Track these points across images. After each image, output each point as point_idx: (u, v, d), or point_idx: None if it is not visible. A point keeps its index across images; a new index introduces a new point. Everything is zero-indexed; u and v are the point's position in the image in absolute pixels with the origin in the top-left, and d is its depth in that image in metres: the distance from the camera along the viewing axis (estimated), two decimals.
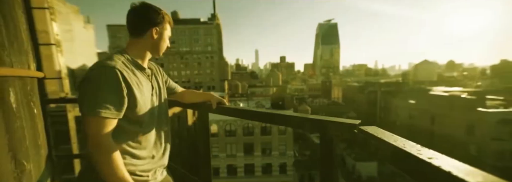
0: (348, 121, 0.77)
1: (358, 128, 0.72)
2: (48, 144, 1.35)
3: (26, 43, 1.16)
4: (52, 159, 1.42)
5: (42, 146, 1.24)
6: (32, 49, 1.28)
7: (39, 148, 1.19)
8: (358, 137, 0.70)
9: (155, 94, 1.00)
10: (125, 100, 0.83)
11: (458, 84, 43.44)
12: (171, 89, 1.26)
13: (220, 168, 22.86)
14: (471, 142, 20.74)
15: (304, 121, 0.86)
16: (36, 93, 1.25)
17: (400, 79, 50.50)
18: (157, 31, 0.94)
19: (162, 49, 1.01)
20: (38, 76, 1.31)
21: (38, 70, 1.36)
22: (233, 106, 1.18)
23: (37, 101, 1.23)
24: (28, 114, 1.09)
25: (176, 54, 57.27)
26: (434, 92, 27.22)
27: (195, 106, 1.33)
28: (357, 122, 0.74)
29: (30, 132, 1.10)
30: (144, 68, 0.96)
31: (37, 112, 1.21)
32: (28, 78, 1.14)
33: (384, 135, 0.62)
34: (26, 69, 1.14)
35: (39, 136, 1.21)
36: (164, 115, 1.06)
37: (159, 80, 1.07)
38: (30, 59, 1.22)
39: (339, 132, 0.77)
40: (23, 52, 1.13)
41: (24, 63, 1.14)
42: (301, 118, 0.87)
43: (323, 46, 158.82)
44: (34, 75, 1.24)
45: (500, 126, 19.32)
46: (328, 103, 46.86)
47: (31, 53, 1.25)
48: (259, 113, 1.08)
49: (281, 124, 0.98)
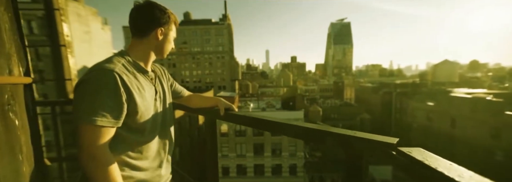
0: (382, 139, 0.60)
1: (397, 150, 0.56)
2: (35, 149, 1.27)
3: (8, 45, 1.08)
4: (42, 163, 1.36)
5: (25, 152, 1.15)
6: (16, 51, 1.18)
7: (21, 153, 1.11)
8: (396, 160, 0.55)
9: (159, 99, 0.92)
10: (124, 107, 0.75)
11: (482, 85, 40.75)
12: (177, 93, 1.19)
13: (230, 168, 22.96)
14: (497, 148, 19.34)
15: (324, 135, 0.72)
16: (21, 98, 1.17)
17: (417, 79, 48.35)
18: (162, 32, 0.87)
19: (167, 51, 0.94)
20: (22, 82, 1.22)
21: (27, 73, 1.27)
22: (243, 113, 1.06)
23: (21, 106, 1.15)
24: (6, 122, 1.01)
25: (188, 54, 58.35)
26: (456, 93, 25.75)
27: (202, 111, 1.25)
28: (394, 141, 0.58)
29: (9, 138, 1.02)
30: (146, 71, 0.88)
31: (21, 117, 1.13)
32: (8, 85, 1.05)
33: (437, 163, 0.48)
34: (5, 75, 1.06)
35: (21, 140, 1.12)
36: (168, 122, 0.98)
37: (164, 83, 1.00)
38: (12, 62, 1.13)
39: (370, 152, 0.61)
40: (3, 55, 1.04)
41: (4, 67, 1.05)
42: (321, 132, 0.73)
43: (336, 46, 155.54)
44: (17, 82, 1.15)
45: None
46: (340, 104, 45.72)
47: (15, 56, 1.16)
48: (271, 123, 0.93)
49: (296, 136, 0.83)
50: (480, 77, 66.40)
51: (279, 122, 0.88)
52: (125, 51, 0.87)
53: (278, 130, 0.89)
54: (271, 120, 0.92)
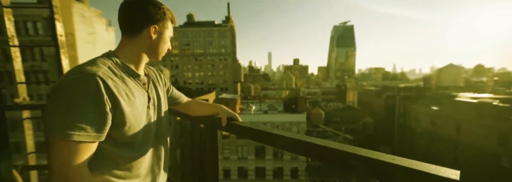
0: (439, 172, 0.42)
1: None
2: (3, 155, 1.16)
3: None
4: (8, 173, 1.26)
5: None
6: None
7: None
8: None
9: (153, 106, 0.81)
10: (109, 117, 0.63)
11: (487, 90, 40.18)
12: (175, 99, 1.06)
13: (231, 170, 22.83)
14: (503, 154, 18.93)
15: (347, 157, 0.55)
16: None
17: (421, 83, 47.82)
18: (156, 30, 0.76)
19: (162, 52, 0.82)
20: None
21: None
22: (248, 124, 0.92)
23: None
24: None
25: (190, 55, 58.66)
26: (461, 98, 25.39)
27: (201, 120, 1.13)
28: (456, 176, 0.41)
29: None
30: (138, 74, 0.77)
31: None
32: None
33: None
34: None
35: None
36: (164, 132, 0.87)
37: (159, 88, 0.88)
38: None
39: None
40: None
41: None
42: (344, 153, 0.56)
43: (338, 49, 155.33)
44: None
45: None
46: (343, 107, 45.37)
47: None
48: (283, 138, 0.75)
49: (312, 157, 0.67)
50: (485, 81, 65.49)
51: (293, 138, 0.72)
52: (112, 52, 0.76)
53: (291, 148, 0.74)
54: (284, 135, 0.76)
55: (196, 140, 1.32)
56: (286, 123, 22.75)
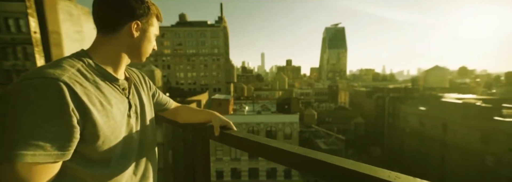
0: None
1: None
2: None
3: None
4: None
5: None
6: None
7: None
8: None
9: (135, 114, 0.70)
10: (76, 131, 0.52)
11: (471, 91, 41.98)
12: (162, 105, 0.95)
13: (224, 172, 22.67)
14: (487, 153, 19.76)
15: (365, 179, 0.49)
16: None
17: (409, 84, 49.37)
18: (139, 27, 0.66)
19: (146, 52, 0.71)
20: None
21: None
22: (244, 134, 0.81)
23: None
24: None
25: (183, 56, 57.93)
26: (447, 99, 26.33)
27: (191, 127, 1.01)
28: None
29: None
30: (116, 78, 0.65)
31: None
32: None
33: None
34: None
35: None
36: (149, 143, 0.76)
37: (143, 94, 0.77)
38: None
39: None
40: None
41: None
42: (363, 175, 0.49)
43: (330, 50, 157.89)
44: None
45: None
46: (335, 107, 46.10)
47: None
48: (285, 153, 0.64)
49: (323, 178, 0.56)
50: (468, 83, 68.54)
51: (298, 153, 0.61)
52: (85, 51, 0.65)
53: (297, 165, 0.62)
54: (287, 149, 0.64)
55: (188, 149, 1.21)
56: (279, 124, 22.83)
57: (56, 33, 2.37)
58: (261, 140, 0.74)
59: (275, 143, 0.70)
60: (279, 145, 0.69)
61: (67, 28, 1.79)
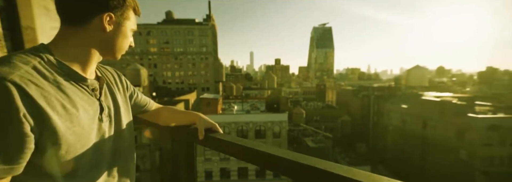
0: None
1: None
2: None
3: None
4: None
5: None
6: None
7: None
8: None
9: (108, 118, 0.63)
10: (29, 140, 0.44)
11: (448, 89, 44.61)
12: (141, 106, 0.87)
13: (213, 172, 22.51)
14: (461, 147, 21.12)
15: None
16: None
17: (392, 83, 51.46)
18: (112, 20, 0.58)
19: (121, 49, 0.64)
20: None
21: None
22: (230, 138, 0.75)
23: None
24: None
25: (170, 54, 56.55)
26: (426, 97, 27.77)
27: (173, 131, 0.94)
28: None
29: None
30: (83, 78, 0.57)
31: None
32: None
33: None
34: None
35: None
36: (125, 150, 0.68)
37: (118, 94, 0.69)
38: None
39: None
40: None
41: None
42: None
43: (318, 50, 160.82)
44: None
45: (490, 131, 19.77)
46: (323, 106, 47.12)
47: None
48: (276, 158, 0.59)
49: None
50: (446, 82, 72.79)
51: (289, 159, 0.56)
52: (45, 46, 0.56)
53: (288, 171, 0.57)
54: (278, 155, 0.59)
55: (167, 154, 1.12)
56: (268, 123, 22.98)
57: (31, 29, 2.23)
58: (248, 144, 0.68)
59: (263, 147, 0.64)
60: (268, 149, 0.63)
61: (43, 23, 1.63)
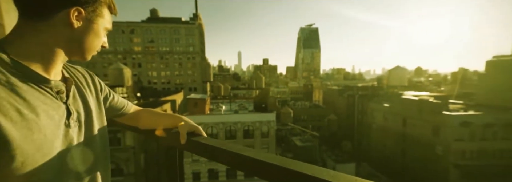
0: None
1: None
2: None
3: None
4: None
5: None
6: None
7: None
8: None
9: (77, 123, 0.57)
10: None
11: (425, 89, 47.39)
12: (117, 109, 0.80)
13: (201, 173, 22.25)
14: (437, 143, 22.56)
15: None
16: None
17: (375, 83, 53.66)
18: (82, 16, 0.51)
19: (91, 48, 0.57)
20: None
21: None
22: (214, 141, 0.71)
23: None
24: None
25: (155, 53, 54.94)
26: (405, 96, 29.30)
27: (154, 135, 0.87)
28: None
29: None
30: (45, 79, 0.51)
31: None
32: None
33: None
34: None
35: None
36: (98, 156, 0.62)
37: (89, 97, 0.63)
38: None
39: None
40: None
41: None
42: None
43: (305, 50, 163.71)
44: None
45: (462, 128, 21.30)
46: (310, 105, 48.09)
47: None
48: (263, 164, 0.55)
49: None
50: (423, 81, 77.18)
51: (278, 165, 0.52)
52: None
53: (272, 177, 0.54)
54: (266, 160, 0.55)
55: (152, 157, 1.07)
56: (256, 123, 23.10)
57: None
58: (233, 148, 0.64)
59: (249, 152, 0.60)
60: (255, 154, 0.59)
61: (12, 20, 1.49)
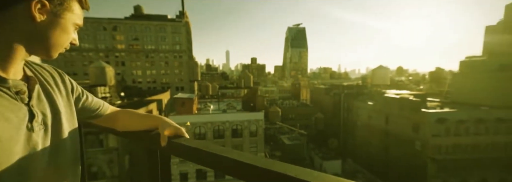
0: None
1: None
2: None
3: None
4: None
5: None
6: None
7: None
8: None
9: (42, 126, 0.52)
10: None
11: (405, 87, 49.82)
12: (92, 110, 0.75)
13: (189, 173, 21.90)
14: (416, 139, 23.83)
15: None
16: None
17: (360, 82, 55.51)
18: (46, 9, 0.47)
19: (57, 45, 0.52)
20: None
21: None
22: (197, 142, 0.67)
23: None
24: None
25: (140, 52, 53.06)
26: (388, 94, 30.61)
27: (134, 137, 0.83)
28: None
29: None
30: (2, 78, 0.48)
31: None
32: None
33: None
34: None
35: None
36: (67, 162, 0.58)
37: (59, 98, 0.59)
38: None
39: None
40: None
41: None
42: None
43: (292, 49, 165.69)
44: None
45: (438, 124, 22.66)
46: (297, 104, 48.84)
47: None
48: (248, 166, 0.52)
49: None
50: (404, 80, 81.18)
51: (263, 167, 0.49)
52: None
53: (256, 179, 0.51)
54: (251, 163, 0.52)
55: (136, 159, 1.00)
56: (245, 122, 23.08)
57: None
58: (216, 150, 0.61)
59: (233, 154, 0.58)
60: (237, 156, 0.56)
61: None
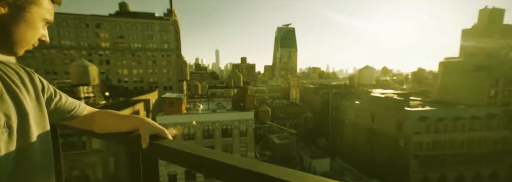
0: None
1: None
2: None
3: None
4: None
5: None
6: None
7: None
8: None
9: (6, 130, 0.49)
10: None
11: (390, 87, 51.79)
12: (66, 111, 0.71)
13: (178, 174, 21.51)
14: (400, 136, 24.84)
15: None
16: None
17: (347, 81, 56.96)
18: (7, 1, 0.44)
19: (22, 41, 0.49)
20: None
21: None
22: (179, 143, 0.64)
23: None
24: None
25: (126, 50, 51.29)
26: (374, 93, 31.66)
27: (112, 138, 0.78)
28: None
29: None
30: None
31: None
32: None
33: None
34: None
35: None
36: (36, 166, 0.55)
37: (26, 99, 0.55)
38: None
39: None
40: None
41: None
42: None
43: (282, 49, 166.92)
44: None
45: (419, 122, 23.75)
46: (287, 104, 49.31)
47: None
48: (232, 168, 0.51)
49: None
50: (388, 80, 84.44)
51: (248, 169, 0.48)
52: None
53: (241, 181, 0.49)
54: (236, 165, 0.50)
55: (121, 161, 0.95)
56: (235, 121, 23.00)
57: None
58: (199, 152, 0.59)
59: (217, 156, 0.56)
60: (221, 157, 0.54)
61: None
